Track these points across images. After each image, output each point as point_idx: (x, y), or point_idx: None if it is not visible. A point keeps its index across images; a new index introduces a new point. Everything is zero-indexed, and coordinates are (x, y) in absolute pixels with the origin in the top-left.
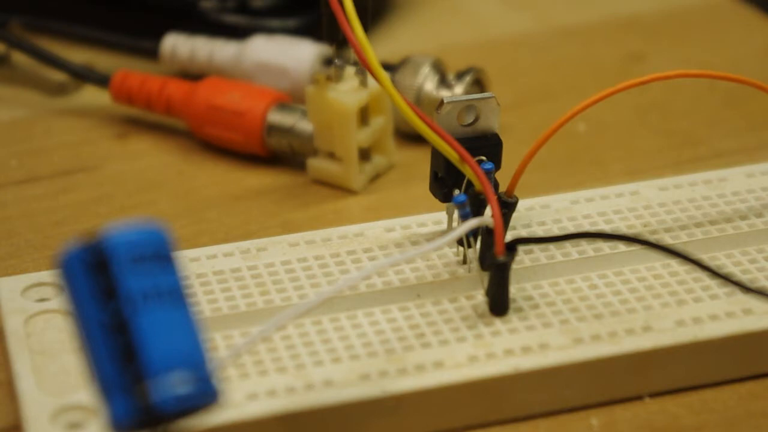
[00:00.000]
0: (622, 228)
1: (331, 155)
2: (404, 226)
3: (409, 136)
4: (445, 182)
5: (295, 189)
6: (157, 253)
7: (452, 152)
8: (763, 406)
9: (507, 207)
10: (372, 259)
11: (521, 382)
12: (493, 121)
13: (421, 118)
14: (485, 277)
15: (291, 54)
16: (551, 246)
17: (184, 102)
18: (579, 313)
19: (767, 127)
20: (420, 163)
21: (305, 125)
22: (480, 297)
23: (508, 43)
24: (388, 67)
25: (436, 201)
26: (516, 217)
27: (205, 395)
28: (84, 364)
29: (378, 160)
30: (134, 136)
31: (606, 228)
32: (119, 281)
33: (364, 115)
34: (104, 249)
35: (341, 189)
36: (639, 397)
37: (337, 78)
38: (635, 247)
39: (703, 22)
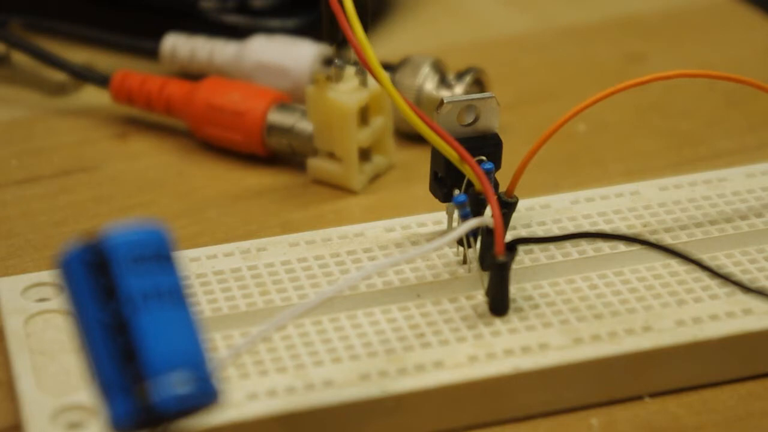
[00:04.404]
0: (622, 228)
1: (331, 155)
2: (404, 226)
3: (409, 136)
4: (445, 182)
5: (295, 189)
6: (157, 253)
7: (452, 152)
8: (763, 406)
9: (507, 207)
10: (372, 259)
11: (521, 382)
12: (493, 121)
13: (421, 118)
14: (485, 277)
15: (291, 54)
16: (551, 246)
17: (184, 102)
18: (579, 313)
19: (767, 127)
20: (420, 163)
21: (305, 125)
22: (480, 297)
23: (508, 43)
24: (388, 67)
25: (436, 201)
26: (516, 217)
27: (205, 395)
28: (84, 364)
29: (378, 160)
30: (134, 136)
31: (606, 228)
32: (119, 281)
33: (364, 115)
34: (104, 249)
35: (341, 189)
36: (639, 397)
37: (337, 78)
38: (635, 247)
39: (703, 22)
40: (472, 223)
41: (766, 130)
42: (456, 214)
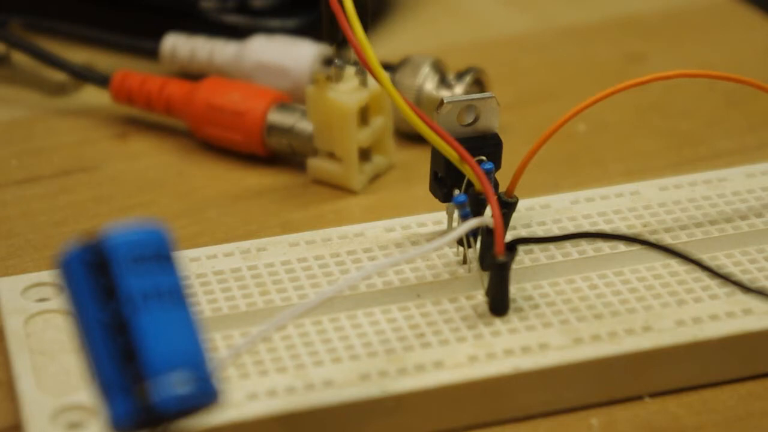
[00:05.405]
0: (622, 228)
1: (331, 155)
2: (404, 226)
3: (409, 136)
4: (445, 182)
5: (295, 189)
6: (157, 253)
7: (452, 152)
8: (763, 406)
9: (507, 207)
10: (372, 259)
11: (521, 382)
12: (493, 121)
13: (421, 118)
14: (485, 277)
15: (291, 54)
16: (551, 246)
17: (184, 102)
18: (579, 313)
19: (767, 127)
20: (420, 163)
21: (305, 125)
22: (480, 297)
23: (508, 43)
24: (388, 67)
25: (436, 201)
26: (516, 217)
27: (205, 395)
28: (84, 364)
29: (378, 160)
30: (134, 136)
31: (606, 228)
32: (119, 281)
33: (364, 115)
34: (104, 249)
35: (341, 189)
36: (639, 397)
37: (337, 78)
38: (635, 247)
39: (703, 22)
40: (472, 223)
41: (766, 130)
42: (456, 214)
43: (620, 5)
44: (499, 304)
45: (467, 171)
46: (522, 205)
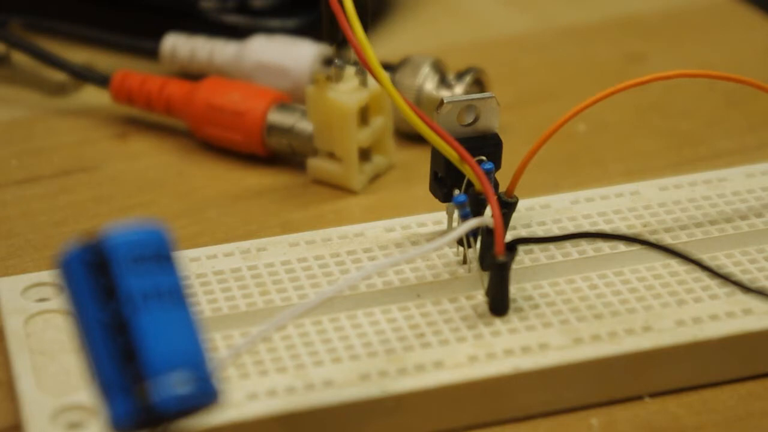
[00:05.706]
0: (622, 228)
1: (331, 155)
2: (404, 226)
3: (409, 136)
4: (445, 182)
5: (295, 189)
6: (157, 253)
7: (452, 152)
8: (763, 406)
9: (507, 207)
10: (372, 259)
11: (521, 382)
12: (493, 121)
13: (421, 118)
14: (485, 277)
15: (291, 54)
16: (551, 246)
17: (184, 102)
18: (579, 313)
19: (767, 127)
20: (420, 163)
21: (305, 125)
22: (480, 297)
23: (508, 43)
24: (388, 67)
25: (436, 201)
26: (516, 217)
27: (205, 395)
28: (84, 364)
29: (378, 160)
30: (134, 136)
31: (606, 228)
32: (119, 281)
33: (364, 115)
34: (104, 249)
35: (341, 189)
36: (639, 397)
37: (337, 78)
38: (635, 247)
39: (703, 22)
40: (472, 223)
41: (766, 130)
42: (456, 214)
43: (620, 5)
44: (499, 304)
45: (467, 171)
46: (522, 205)
